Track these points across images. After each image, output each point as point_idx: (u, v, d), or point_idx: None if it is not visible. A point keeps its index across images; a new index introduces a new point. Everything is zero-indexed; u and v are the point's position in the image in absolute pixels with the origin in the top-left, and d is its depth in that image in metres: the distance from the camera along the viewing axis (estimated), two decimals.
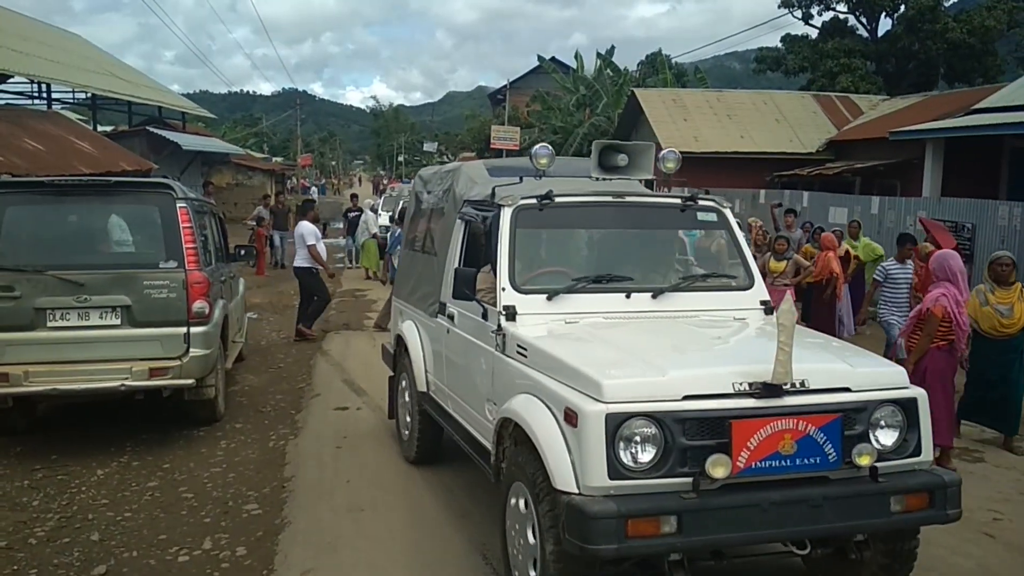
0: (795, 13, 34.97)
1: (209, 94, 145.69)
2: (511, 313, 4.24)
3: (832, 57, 32.03)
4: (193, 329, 6.26)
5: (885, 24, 34.05)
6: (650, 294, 4.48)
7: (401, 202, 23.56)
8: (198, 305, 6.28)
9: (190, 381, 6.27)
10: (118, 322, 6.11)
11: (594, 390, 3.35)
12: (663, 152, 4.88)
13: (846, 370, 3.62)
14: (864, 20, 34.43)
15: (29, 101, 24.37)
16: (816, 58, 33.11)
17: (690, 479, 3.24)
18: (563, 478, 3.31)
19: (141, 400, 6.71)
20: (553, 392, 3.58)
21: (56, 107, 24.86)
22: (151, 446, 6.42)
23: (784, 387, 3.37)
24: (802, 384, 3.43)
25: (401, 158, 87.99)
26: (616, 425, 3.23)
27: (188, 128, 31.42)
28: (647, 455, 3.27)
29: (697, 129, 23.73)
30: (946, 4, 31.56)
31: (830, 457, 3.37)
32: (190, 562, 4.54)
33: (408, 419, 6.11)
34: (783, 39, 35.85)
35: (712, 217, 4.98)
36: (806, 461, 3.35)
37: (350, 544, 4.75)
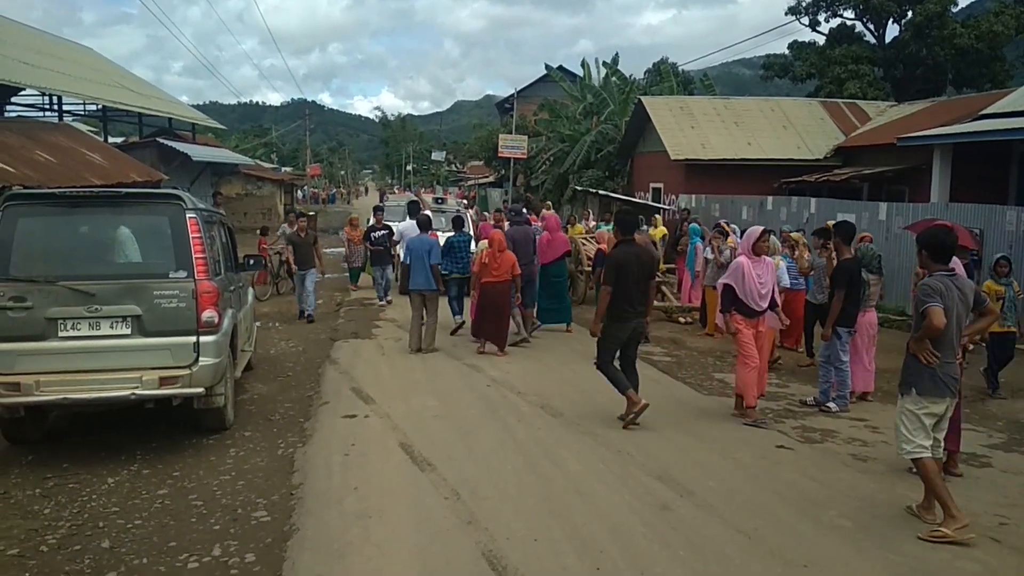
0: (802, 20, 35.08)
1: (219, 105, 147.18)
2: None
3: (840, 63, 32.04)
4: (203, 338, 6.33)
5: (892, 30, 34.11)
6: None
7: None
8: (207, 314, 6.35)
9: (200, 390, 6.33)
10: (128, 332, 6.19)
11: None
12: None
13: None
14: (871, 27, 34.46)
15: (41, 113, 24.68)
16: (824, 64, 33.15)
17: None
18: None
19: (151, 409, 6.78)
20: None
21: (67, 119, 25.14)
22: (161, 454, 6.48)
23: None
24: None
25: (410, 167, 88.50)
26: None
27: (198, 139, 31.73)
28: None
29: (704, 136, 23.73)
30: (954, 10, 31.53)
31: None
32: (199, 569, 4.59)
33: None
34: (790, 46, 35.95)
35: None
36: None
37: (358, 551, 4.78)
